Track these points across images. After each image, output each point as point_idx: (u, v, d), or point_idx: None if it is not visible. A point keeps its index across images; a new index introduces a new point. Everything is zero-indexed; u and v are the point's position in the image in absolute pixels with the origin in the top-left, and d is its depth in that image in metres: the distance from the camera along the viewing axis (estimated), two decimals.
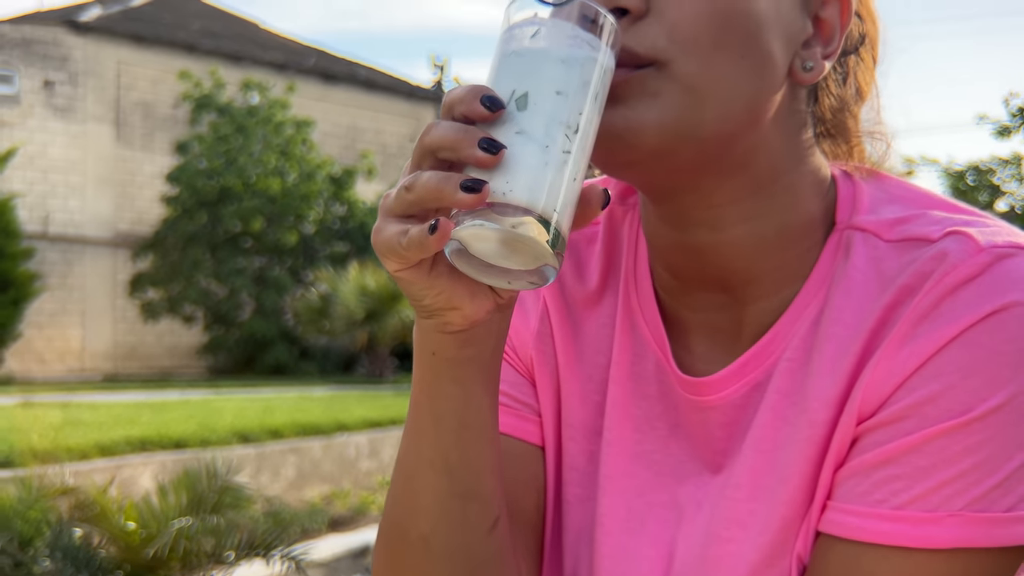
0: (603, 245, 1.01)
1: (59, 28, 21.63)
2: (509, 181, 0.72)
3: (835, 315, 0.87)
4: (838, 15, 0.90)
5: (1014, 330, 0.80)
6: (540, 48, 0.75)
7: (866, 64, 0.96)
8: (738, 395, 0.91)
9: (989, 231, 0.85)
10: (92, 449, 8.20)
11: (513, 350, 1.01)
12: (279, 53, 25.27)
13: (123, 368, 21.92)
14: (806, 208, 0.90)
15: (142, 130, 22.70)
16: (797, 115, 0.90)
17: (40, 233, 20.79)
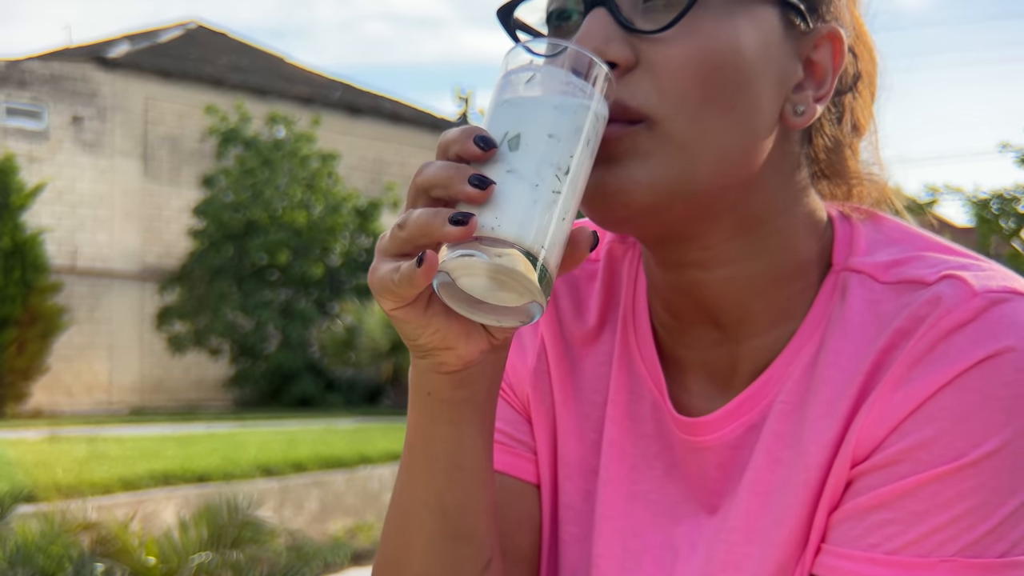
0: (602, 283, 1.01)
1: (87, 64, 21.88)
2: (498, 216, 0.73)
3: (831, 358, 0.87)
4: (830, 57, 0.89)
5: (1008, 375, 0.80)
6: (534, 95, 0.78)
7: (863, 99, 0.96)
8: (733, 436, 0.91)
9: (984, 275, 0.85)
10: (115, 483, 8.22)
11: (510, 387, 1.01)
12: (305, 87, 25.46)
13: (150, 401, 22.01)
14: (800, 249, 0.90)
15: (169, 164, 22.90)
16: (789, 157, 0.90)
17: (68, 267, 20.96)
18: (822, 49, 0.89)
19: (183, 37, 25.04)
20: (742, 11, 0.84)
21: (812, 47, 0.89)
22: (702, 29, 0.83)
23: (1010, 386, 0.80)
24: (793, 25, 0.87)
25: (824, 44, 0.89)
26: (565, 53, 0.79)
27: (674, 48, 0.83)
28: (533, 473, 1.01)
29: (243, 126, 21.93)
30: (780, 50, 0.87)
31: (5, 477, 8.06)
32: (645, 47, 0.83)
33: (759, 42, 0.85)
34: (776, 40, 0.86)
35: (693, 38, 0.83)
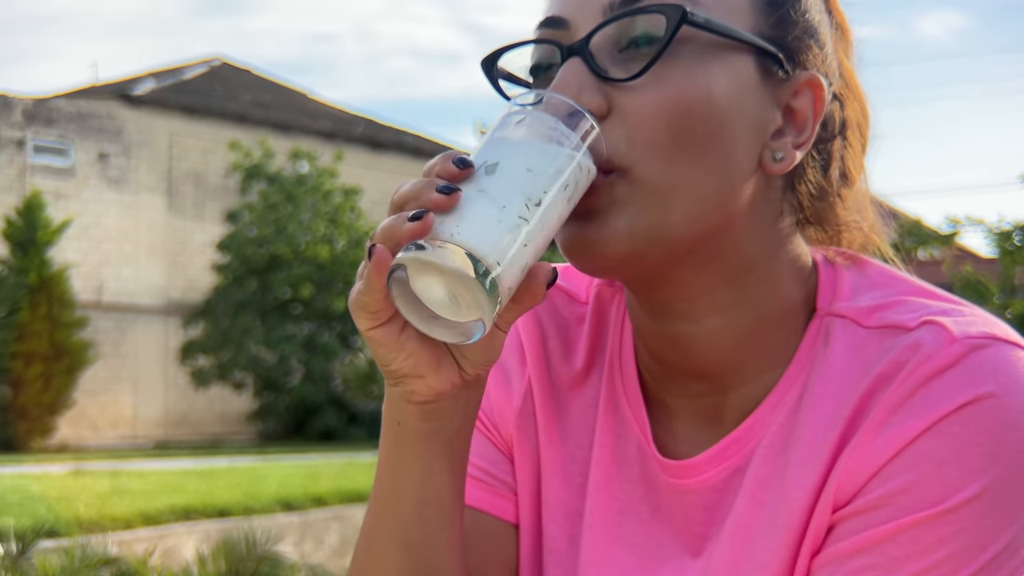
0: (590, 326, 1.01)
1: (113, 102, 22.14)
2: (459, 225, 0.75)
3: (813, 402, 0.87)
4: (811, 104, 0.89)
5: (988, 421, 0.80)
6: (520, 134, 0.80)
7: (854, 149, 0.95)
8: (718, 479, 0.91)
9: (964, 321, 0.85)
10: (137, 518, 8.26)
11: (494, 426, 1.01)
12: (328, 122, 25.65)
13: (174, 435, 22.09)
14: (785, 295, 0.91)
15: (193, 199, 23.09)
16: (772, 204, 0.90)
17: (94, 302, 21.11)
18: (802, 96, 0.89)
19: (207, 74, 25.29)
20: (715, 59, 0.85)
21: (791, 94, 0.89)
22: (673, 77, 0.83)
23: (989, 432, 0.80)
24: (771, 72, 0.87)
25: (804, 91, 0.89)
26: (556, 102, 0.81)
27: (645, 96, 0.83)
28: (512, 513, 1.00)
29: (266, 162, 22.11)
30: (756, 97, 0.87)
31: (28, 512, 8.11)
32: (617, 95, 0.84)
33: (732, 89, 0.85)
34: (752, 87, 0.86)
35: (664, 86, 0.83)
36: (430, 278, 0.75)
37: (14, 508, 8.33)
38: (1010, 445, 0.80)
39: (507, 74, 0.92)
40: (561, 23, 0.87)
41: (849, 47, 0.97)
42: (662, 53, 0.83)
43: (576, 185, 0.80)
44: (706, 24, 0.83)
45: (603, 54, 0.85)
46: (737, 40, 0.85)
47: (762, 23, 0.87)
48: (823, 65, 0.91)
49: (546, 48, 0.89)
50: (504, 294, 0.76)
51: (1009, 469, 0.80)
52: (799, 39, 0.89)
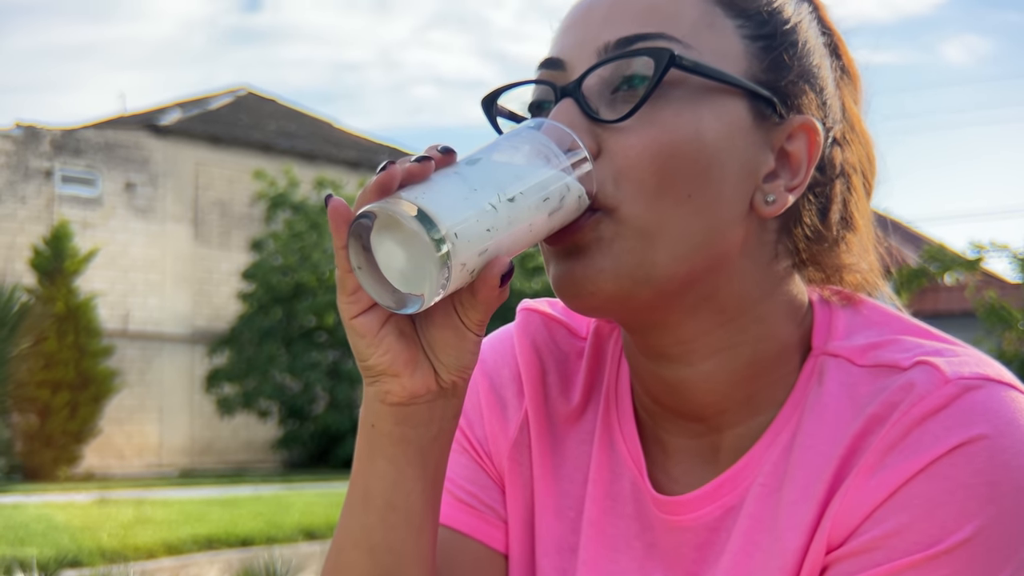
0: (588, 361, 1.01)
1: (140, 132, 22.34)
2: (426, 193, 0.76)
3: (808, 441, 0.88)
4: (805, 148, 0.90)
5: (980, 463, 0.80)
6: (513, 143, 0.83)
7: (857, 193, 0.96)
8: (712, 517, 0.91)
9: (958, 361, 0.85)
10: (159, 548, 8.28)
11: (487, 455, 1.01)
12: (352, 151, 25.78)
13: (199, 463, 22.15)
14: (779, 336, 0.91)
15: (219, 228, 23.23)
16: (766, 247, 0.90)
17: (120, 331, 21.24)
18: (796, 140, 0.89)
19: (233, 104, 25.48)
20: (706, 102, 0.86)
21: (785, 137, 0.89)
22: (662, 119, 0.85)
23: (983, 473, 0.80)
24: (764, 116, 0.88)
25: (798, 135, 0.90)
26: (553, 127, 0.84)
27: (633, 137, 0.85)
28: (499, 540, 1.00)
29: (291, 191, 22.22)
30: (748, 140, 0.87)
31: (51, 542, 8.15)
32: (607, 136, 0.86)
33: (723, 132, 0.86)
34: (744, 130, 0.87)
35: (652, 128, 0.85)
36: (388, 239, 0.77)
37: (38, 538, 8.37)
38: (1003, 487, 0.80)
39: (507, 112, 0.95)
40: (559, 64, 0.90)
41: (858, 92, 0.98)
42: (649, 95, 0.84)
43: (561, 203, 0.82)
44: (695, 67, 0.85)
45: (596, 95, 0.87)
46: (729, 83, 0.86)
47: (756, 67, 0.89)
48: (820, 109, 0.91)
49: (544, 87, 0.91)
50: (456, 270, 0.76)
51: (1003, 511, 0.80)
52: (794, 83, 0.90)
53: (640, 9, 0.88)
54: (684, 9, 0.88)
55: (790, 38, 0.90)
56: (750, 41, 0.89)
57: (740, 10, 0.89)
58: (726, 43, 0.88)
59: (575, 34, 0.90)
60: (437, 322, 0.84)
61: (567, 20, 0.92)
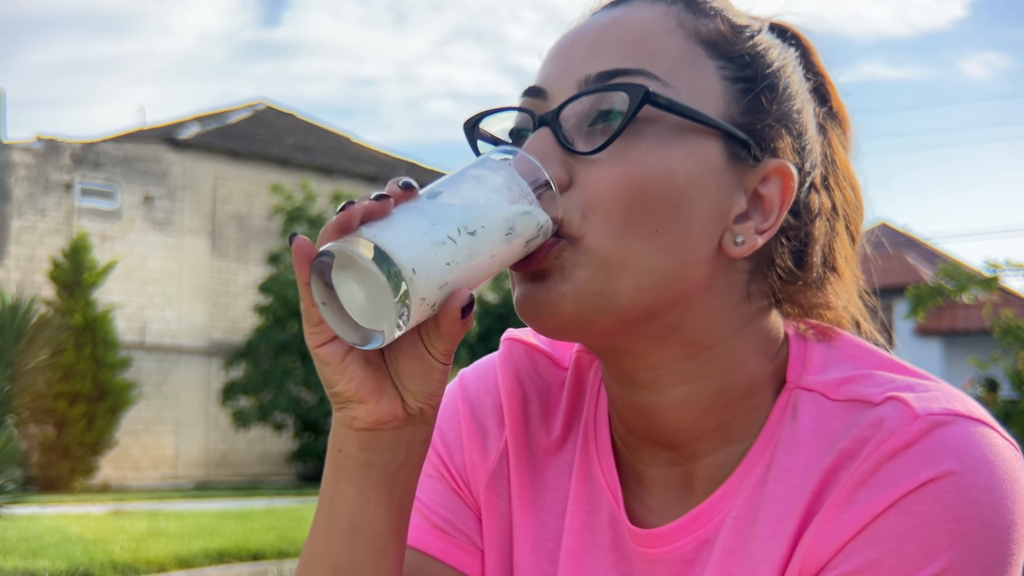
0: (569, 392, 1.02)
1: (159, 146, 22.48)
2: (385, 230, 0.78)
3: (781, 475, 0.89)
4: (779, 192, 0.90)
5: (950, 499, 0.81)
6: (477, 174, 0.84)
7: (841, 238, 0.97)
8: (686, 550, 0.92)
9: (928, 396, 0.86)
10: (170, 561, 8.31)
11: (465, 483, 1.02)
12: (370, 166, 25.88)
13: (214, 475, 22.22)
14: (750, 369, 0.92)
15: (236, 242, 23.35)
16: (735, 286, 0.91)
17: (137, 343, 21.36)
18: (770, 183, 0.90)
19: (251, 118, 25.61)
20: (680, 140, 0.86)
21: (759, 180, 0.90)
22: (634, 154, 0.85)
23: (952, 509, 0.80)
24: (739, 157, 0.89)
25: (772, 178, 0.90)
26: (520, 158, 0.85)
27: (604, 171, 0.85)
28: (469, 566, 1.00)
29: (308, 205, 22.31)
30: (720, 180, 0.88)
31: (64, 554, 8.19)
32: (579, 167, 0.86)
33: (695, 171, 0.86)
34: (716, 170, 0.88)
35: (624, 162, 0.85)
36: (349, 277, 0.78)
37: (50, 549, 8.42)
38: (971, 523, 0.81)
39: (489, 136, 0.96)
40: (541, 93, 0.91)
41: (846, 137, 0.99)
42: (622, 130, 0.85)
43: (524, 234, 0.84)
44: (670, 106, 0.86)
45: (573, 127, 0.88)
46: (704, 123, 0.87)
47: (733, 109, 0.89)
48: (797, 154, 0.92)
49: (525, 115, 0.92)
50: (415, 305, 0.77)
51: (971, 546, 0.80)
52: (771, 127, 0.90)
53: (624, 44, 0.89)
54: (667, 47, 0.89)
55: (770, 82, 0.91)
56: (730, 83, 0.90)
57: (722, 52, 0.90)
58: (705, 83, 0.89)
59: (559, 64, 0.91)
60: (404, 351, 0.84)
61: (553, 50, 0.93)
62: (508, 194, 0.83)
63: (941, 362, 23.42)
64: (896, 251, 26.51)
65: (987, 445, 0.83)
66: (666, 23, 0.90)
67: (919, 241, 30.63)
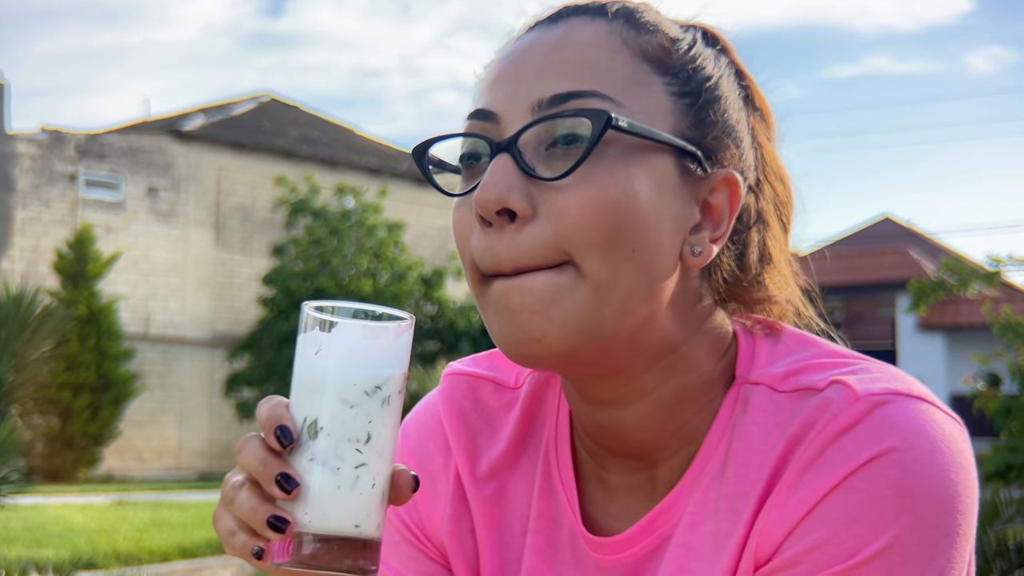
0: (523, 410, 1.03)
1: (164, 137, 22.52)
2: (308, 512, 0.80)
3: (734, 469, 0.91)
4: (727, 200, 0.92)
5: (892, 475, 0.83)
6: (322, 366, 0.81)
7: (774, 231, 0.99)
8: (646, 552, 0.94)
9: (869, 378, 0.88)
10: (174, 551, 8.36)
11: (426, 537, 1.04)
12: (373, 158, 25.91)
13: (218, 466, 22.28)
14: (703, 369, 0.94)
15: (240, 233, 23.40)
16: (689, 292, 0.93)
17: (141, 334, 21.41)
18: (719, 193, 0.92)
19: (256, 110, 25.65)
20: (638, 160, 0.87)
21: (709, 191, 0.91)
22: (598, 177, 0.86)
23: (895, 485, 0.83)
24: (689, 171, 0.90)
25: (721, 188, 0.92)
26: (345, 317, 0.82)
27: (571, 196, 0.85)
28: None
29: (312, 197, 22.36)
30: (676, 195, 0.89)
31: (67, 543, 8.25)
32: (543, 194, 0.86)
33: (654, 189, 0.88)
34: (672, 186, 0.89)
35: (589, 186, 0.86)
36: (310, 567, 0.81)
37: (54, 539, 8.47)
38: (915, 496, 0.83)
39: (438, 161, 0.95)
40: (491, 116, 0.90)
41: (770, 130, 1.00)
42: (587, 155, 0.85)
43: (396, 391, 0.83)
44: (630, 128, 0.86)
45: (531, 152, 0.88)
46: (659, 142, 0.88)
47: (683, 124, 0.90)
48: (740, 162, 0.94)
49: (476, 140, 0.91)
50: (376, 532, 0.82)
51: (916, 519, 0.83)
52: (717, 138, 0.92)
53: (573, 65, 0.89)
54: (615, 67, 0.89)
55: (713, 94, 0.93)
56: (677, 98, 0.91)
57: (666, 67, 0.91)
58: (655, 100, 0.90)
59: (507, 87, 0.90)
60: None
61: (498, 71, 0.92)
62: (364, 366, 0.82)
63: (943, 357, 23.43)
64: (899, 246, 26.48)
65: (927, 421, 0.86)
66: (611, 42, 0.90)
67: (923, 236, 30.60)
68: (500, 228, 0.87)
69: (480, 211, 0.87)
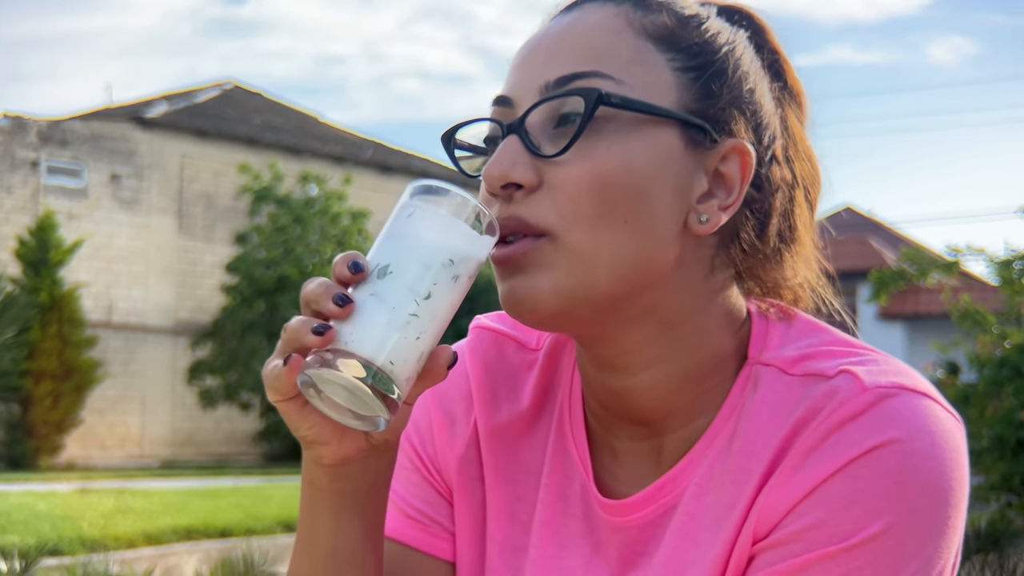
0: (541, 371, 1.08)
1: (127, 124, 22.34)
2: (353, 332, 0.84)
3: (740, 445, 0.95)
4: (738, 169, 0.95)
5: (892, 464, 0.87)
6: (412, 228, 0.88)
7: (801, 208, 1.02)
8: (652, 517, 0.98)
9: (877, 370, 0.92)
10: (139, 538, 8.36)
11: (437, 471, 1.08)
12: (337, 146, 25.82)
13: (180, 454, 22.19)
14: (715, 345, 0.98)
15: (203, 221, 23.26)
16: (701, 262, 0.96)
17: (103, 322, 21.27)
18: (730, 161, 0.95)
19: (219, 97, 25.48)
20: (637, 133, 0.92)
21: (719, 160, 0.95)
22: (596, 152, 0.91)
23: (894, 474, 0.87)
24: (696, 141, 0.94)
25: (731, 157, 0.95)
26: (448, 196, 0.89)
27: (570, 170, 0.91)
28: (445, 551, 1.07)
29: (276, 184, 22.27)
30: (680, 164, 0.93)
31: (33, 530, 8.22)
32: (547, 169, 0.92)
33: (654, 160, 0.92)
34: (676, 156, 0.93)
35: (587, 160, 0.91)
36: (335, 386, 0.85)
37: (19, 526, 8.45)
38: (912, 486, 0.87)
39: (466, 145, 1.01)
40: (508, 102, 0.96)
41: (802, 111, 1.04)
42: (581, 132, 0.91)
43: (467, 271, 0.88)
44: (623, 103, 0.91)
45: (539, 131, 0.93)
46: (658, 115, 0.92)
47: (686, 97, 0.94)
48: (753, 131, 0.97)
49: (495, 124, 0.97)
50: (402, 386, 0.85)
51: (911, 508, 0.87)
52: (724, 109, 0.95)
53: (578, 48, 0.94)
54: (618, 47, 0.94)
55: (720, 67, 0.96)
56: (680, 73, 0.95)
57: (670, 45, 0.95)
58: (657, 77, 0.94)
59: (522, 73, 0.97)
60: None
61: (516, 59, 0.98)
62: (448, 238, 0.88)
63: (904, 346, 23.66)
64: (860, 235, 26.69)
65: (930, 416, 0.90)
66: (616, 23, 0.95)
67: (883, 225, 30.84)
68: (508, 198, 0.93)
69: (487, 186, 0.93)
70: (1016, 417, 8.58)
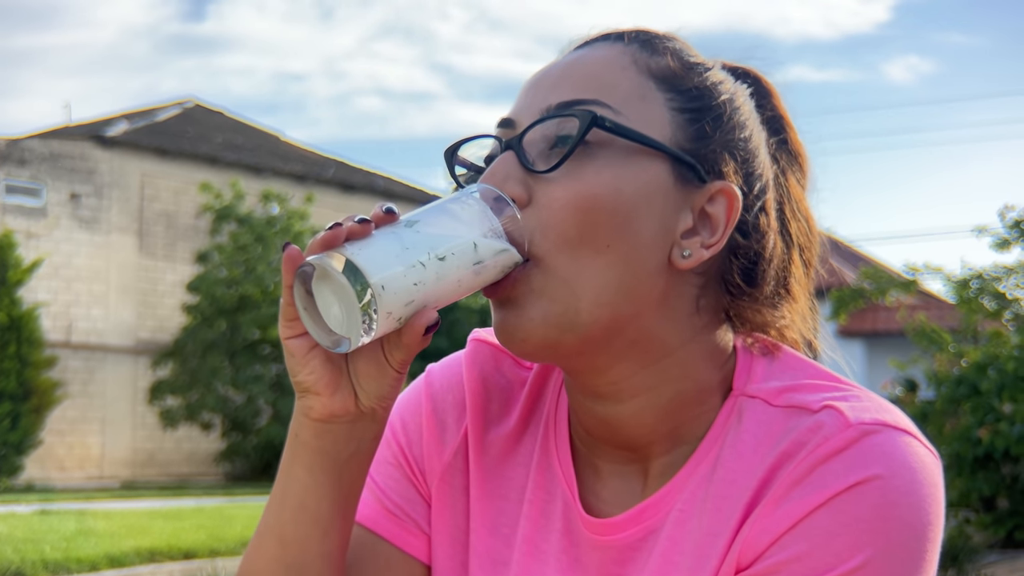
0: (530, 390, 1.10)
1: (86, 143, 22.21)
2: (363, 249, 0.88)
3: (723, 473, 0.97)
4: (724, 211, 0.98)
5: (874, 500, 0.90)
6: (450, 207, 0.94)
7: (797, 269, 1.06)
8: (634, 539, 1.00)
9: (860, 406, 0.94)
10: (102, 560, 8.29)
11: (421, 473, 1.10)
12: (299, 164, 25.78)
13: (141, 475, 22.01)
14: (700, 378, 1.00)
15: (164, 240, 23.14)
16: (686, 299, 0.99)
17: (63, 341, 21.09)
18: (716, 203, 0.98)
19: (180, 116, 25.38)
20: (628, 161, 0.95)
21: (706, 199, 0.98)
22: (585, 173, 0.94)
23: (875, 509, 0.89)
24: (686, 179, 0.97)
25: (718, 198, 0.98)
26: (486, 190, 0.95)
27: (558, 189, 0.94)
28: (413, 547, 1.09)
29: (237, 203, 22.17)
30: (667, 199, 0.96)
31: None
32: (538, 187, 0.95)
33: (641, 190, 0.95)
34: (663, 190, 0.96)
35: (576, 181, 0.94)
36: (327, 288, 0.88)
37: None
38: (893, 522, 0.89)
39: (467, 163, 1.05)
40: (510, 123, 1.00)
41: (803, 175, 1.08)
42: (573, 150, 0.94)
43: (490, 262, 0.92)
44: (616, 129, 0.95)
45: (535, 151, 0.97)
46: (649, 146, 0.95)
47: (680, 136, 0.98)
48: (744, 177, 1.00)
49: (495, 142, 1.01)
50: (381, 318, 0.87)
51: (891, 543, 0.89)
52: (716, 151, 0.98)
53: (583, 78, 0.98)
54: (621, 81, 0.98)
55: (716, 112, 1.00)
56: (677, 112, 0.98)
57: (671, 86, 0.99)
58: (654, 113, 0.97)
59: (527, 98, 1.01)
60: (364, 354, 0.94)
61: (525, 86, 1.03)
62: (480, 227, 0.92)
63: (863, 363, 23.87)
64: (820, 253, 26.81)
65: (911, 453, 0.93)
66: (621, 60, 1.00)
67: (842, 244, 31.15)
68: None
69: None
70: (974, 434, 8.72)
